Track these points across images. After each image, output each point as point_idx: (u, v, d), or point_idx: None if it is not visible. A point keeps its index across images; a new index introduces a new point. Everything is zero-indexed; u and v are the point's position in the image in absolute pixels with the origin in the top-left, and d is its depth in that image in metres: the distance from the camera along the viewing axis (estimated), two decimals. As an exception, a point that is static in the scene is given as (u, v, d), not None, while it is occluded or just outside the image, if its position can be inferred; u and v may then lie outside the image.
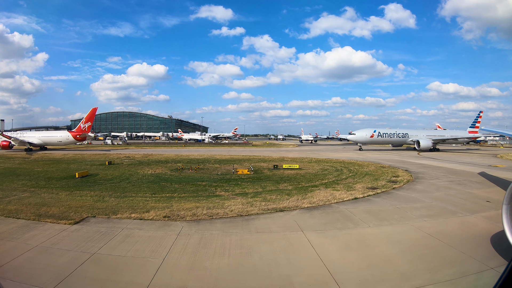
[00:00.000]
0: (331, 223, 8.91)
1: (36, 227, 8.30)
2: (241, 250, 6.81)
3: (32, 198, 12.06)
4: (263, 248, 6.90)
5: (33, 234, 7.73)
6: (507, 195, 5.57)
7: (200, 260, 6.26)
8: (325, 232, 8.07)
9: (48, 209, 10.17)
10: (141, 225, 8.68)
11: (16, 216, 9.28)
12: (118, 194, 12.90)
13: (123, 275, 5.70)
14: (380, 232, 8.26)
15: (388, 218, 9.68)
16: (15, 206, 10.48)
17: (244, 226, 8.50)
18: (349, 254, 6.73)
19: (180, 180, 16.76)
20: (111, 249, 6.84)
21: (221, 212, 9.70)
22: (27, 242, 7.22)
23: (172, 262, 6.17)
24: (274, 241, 7.35)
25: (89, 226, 8.51)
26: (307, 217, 9.50)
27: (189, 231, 8.09)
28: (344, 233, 8.09)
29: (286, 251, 6.77)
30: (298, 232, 8.03)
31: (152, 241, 7.34)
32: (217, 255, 6.52)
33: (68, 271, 5.72)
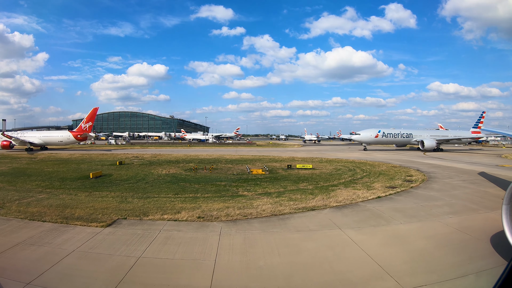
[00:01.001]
0: (364, 221, 9.22)
1: (67, 231, 8.08)
2: (288, 248, 7.02)
3: (51, 199, 11.87)
4: (309, 246, 7.15)
5: (66, 238, 7.48)
6: (506, 195, 5.64)
7: (253, 260, 6.33)
8: (362, 229, 8.37)
9: (72, 211, 10.01)
10: (177, 226, 8.62)
11: (41, 219, 9.05)
12: (140, 195, 12.85)
13: (179, 279, 5.60)
14: (413, 228, 8.65)
15: (416, 215, 10.04)
16: (36, 208, 10.27)
17: (282, 225, 8.70)
18: (391, 249, 7.05)
19: (198, 180, 16.90)
20: (156, 252, 6.71)
21: (254, 212, 9.88)
22: (62, 247, 6.97)
23: (225, 263, 6.17)
24: (317, 239, 7.61)
25: (123, 229, 8.34)
26: (339, 215, 9.79)
27: (229, 231, 8.15)
28: (380, 230, 8.41)
29: (333, 248, 7.05)
30: (336, 230, 8.31)
31: (195, 243, 7.32)
32: (267, 254, 6.63)
33: (118, 277, 5.52)
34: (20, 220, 9.04)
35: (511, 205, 5.51)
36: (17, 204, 10.93)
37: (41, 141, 44.65)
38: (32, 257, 6.43)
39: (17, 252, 6.69)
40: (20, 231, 8.11)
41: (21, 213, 9.69)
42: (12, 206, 10.62)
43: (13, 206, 10.67)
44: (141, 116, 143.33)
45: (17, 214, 9.58)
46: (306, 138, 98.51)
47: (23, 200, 11.66)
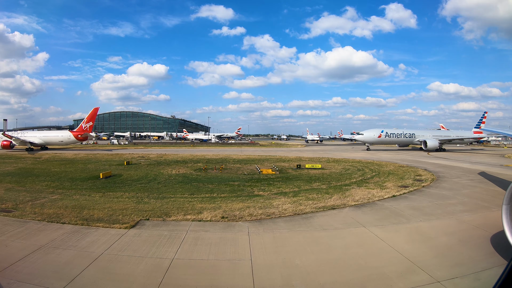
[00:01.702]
0: (385, 219, 9.48)
1: (89, 233, 7.92)
2: (319, 246, 7.24)
3: (65, 200, 11.73)
4: (338, 244, 7.40)
5: (91, 241, 7.34)
6: (507, 196, 5.69)
7: (288, 259, 6.43)
8: (385, 227, 8.63)
9: (90, 212, 9.88)
10: (203, 226, 8.62)
11: (60, 221, 8.87)
12: (155, 195, 12.81)
13: (219, 279, 5.60)
14: (433, 226, 8.96)
15: (433, 213, 10.34)
16: (52, 210, 10.09)
17: (307, 224, 8.91)
18: (417, 245, 7.32)
19: (210, 180, 17.01)
20: (188, 253, 6.68)
21: (276, 211, 10.04)
22: (88, 250, 6.82)
23: (262, 262, 6.21)
24: (344, 237, 7.86)
25: (148, 230, 8.25)
26: (360, 213, 10.03)
27: (257, 231, 8.22)
28: (403, 228, 8.68)
29: (361, 245, 7.29)
30: (361, 227, 8.56)
31: (226, 243, 7.35)
32: (300, 253, 6.79)
33: (156, 280, 5.45)
34: (38, 222, 8.86)
35: (511, 205, 5.60)
36: (30, 206, 10.77)
37: (42, 141, 44.65)
38: (59, 261, 6.25)
39: (42, 256, 6.48)
40: (40, 233, 7.92)
41: (37, 215, 9.52)
42: (26, 208, 10.45)
43: (27, 207, 10.52)
44: (142, 116, 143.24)
45: (33, 216, 9.41)
46: (309, 138, 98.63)
47: (36, 201, 11.50)
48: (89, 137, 51.58)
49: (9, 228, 8.31)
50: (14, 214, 9.70)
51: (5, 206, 10.68)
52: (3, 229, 8.23)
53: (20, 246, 7.03)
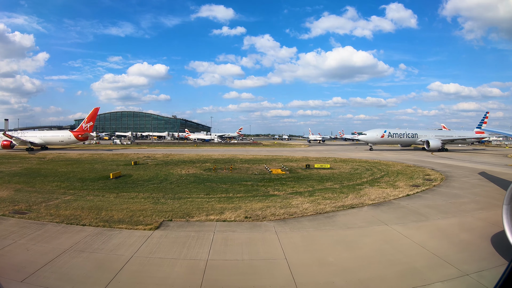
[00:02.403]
0: (404, 217, 9.74)
1: (113, 235, 7.79)
2: (347, 244, 7.46)
3: (80, 201, 11.61)
4: (366, 241, 7.65)
5: (117, 243, 7.21)
6: (507, 196, 5.71)
7: (322, 256, 6.62)
8: (407, 225, 8.88)
9: (109, 213, 9.73)
10: (229, 227, 8.63)
11: (80, 223, 8.73)
12: (170, 196, 12.79)
13: (260, 279, 5.62)
14: (451, 223, 9.25)
15: (449, 211, 10.63)
16: (68, 211, 9.98)
17: (331, 223, 9.11)
18: (440, 241, 7.60)
19: (222, 180, 17.08)
20: (221, 254, 6.68)
21: (298, 211, 10.21)
22: (117, 253, 6.69)
23: (297, 261, 6.28)
24: (370, 235, 8.10)
25: (174, 231, 8.19)
26: (379, 212, 10.28)
27: (284, 230, 8.31)
28: (423, 225, 8.95)
29: (388, 242, 7.53)
30: (383, 225, 8.81)
31: (256, 243, 7.42)
32: (331, 250, 7.01)
33: (196, 282, 5.42)
34: (57, 224, 8.68)
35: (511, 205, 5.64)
36: (44, 207, 10.61)
37: (42, 140, 44.72)
38: (89, 266, 6.12)
39: (69, 260, 6.31)
40: (61, 236, 7.74)
41: (54, 217, 9.37)
42: (40, 209, 10.29)
43: (41, 209, 10.37)
44: (143, 116, 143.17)
45: (50, 218, 9.26)
46: (311, 138, 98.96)
47: (50, 202, 11.36)
48: (90, 137, 51.76)
49: (27, 231, 8.09)
50: (29, 216, 9.50)
51: (19, 208, 10.52)
52: (21, 232, 8.02)
53: (43, 250, 6.82)
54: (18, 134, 44.43)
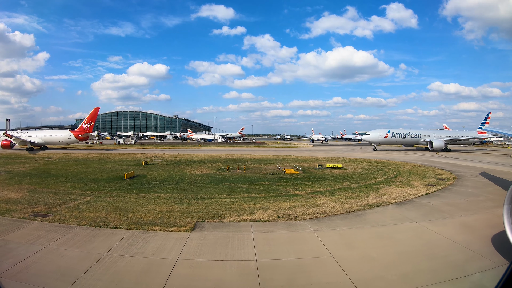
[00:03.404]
0: (429, 214, 10.18)
1: (149, 238, 7.66)
2: (384, 240, 7.85)
3: (101, 203, 11.43)
4: (400, 237, 8.07)
5: (156, 246, 7.12)
6: (508, 196, 5.81)
7: (365, 253, 6.89)
8: (433, 222, 9.32)
9: (136, 215, 9.58)
10: (265, 226, 8.70)
11: (109, 226, 8.55)
12: (192, 196, 12.78)
13: (316, 277, 5.76)
14: (475, 219, 9.69)
15: (469, 209, 11.10)
16: (92, 213, 9.81)
17: (362, 221, 9.48)
18: (470, 236, 8.03)
19: (239, 180, 17.18)
20: (267, 254, 6.74)
21: (327, 210, 10.53)
22: (160, 256, 6.58)
23: (344, 258, 6.46)
24: (402, 231, 8.52)
25: (212, 232, 8.20)
26: (404, 210, 10.71)
27: (320, 229, 8.53)
28: (449, 222, 9.42)
29: (420, 238, 7.98)
30: (412, 222, 9.24)
31: (298, 242, 7.58)
32: (371, 247, 7.33)
33: (253, 283, 5.47)
34: (85, 227, 8.46)
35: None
36: (65, 209, 10.41)
37: (42, 140, 44.73)
38: (135, 271, 5.98)
39: (111, 266, 6.13)
40: (94, 240, 7.55)
41: (78, 219, 9.13)
42: (62, 211, 10.09)
43: (63, 211, 10.15)
44: (145, 116, 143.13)
45: (76, 221, 9.02)
46: (314, 138, 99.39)
47: (69, 204, 11.14)
48: (90, 136, 51.93)
49: (55, 235, 7.82)
50: (53, 219, 9.23)
51: (39, 210, 10.26)
52: (49, 236, 7.70)
53: (78, 255, 6.61)
54: (17, 134, 44.43)
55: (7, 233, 8.05)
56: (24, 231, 8.25)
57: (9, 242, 7.39)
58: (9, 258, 6.44)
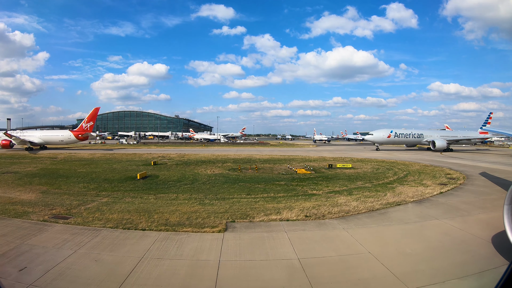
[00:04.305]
0: (449, 212, 10.59)
1: (183, 239, 7.61)
2: (413, 237, 8.20)
3: (120, 204, 11.32)
4: (428, 234, 8.44)
5: (194, 248, 7.09)
6: (508, 196, 5.87)
7: (400, 248, 7.22)
8: (454, 219, 9.73)
9: (162, 216, 9.51)
10: (295, 226, 8.86)
11: (137, 227, 8.43)
12: (212, 197, 12.83)
13: (362, 273, 5.99)
14: (493, 217, 9.94)
15: (485, 206, 11.55)
16: (115, 215, 9.67)
17: (387, 219, 9.83)
18: (491, 232, 8.30)
19: (254, 180, 17.29)
20: (308, 252, 6.90)
21: (351, 209, 10.80)
22: (199, 258, 6.54)
23: (381, 254, 6.71)
24: (428, 228, 8.90)
25: (245, 233, 8.24)
26: (424, 208, 11.11)
27: (350, 227, 8.79)
28: (469, 219, 9.82)
29: (446, 234, 8.36)
30: (435, 220, 9.66)
31: (332, 240, 7.78)
32: (403, 243, 7.65)
33: (304, 281, 5.62)
34: (112, 230, 8.31)
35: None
36: (85, 211, 10.24)
37: (41, 140, 44.82)
38: (180, 274, 5.89)
39: (152, 270, 6.03)
40: (125, 243, 7.38)
41: (102, 221, 9.00)
42: (82, 213, 9.91)
43: (83, 212, 9.99)
44: (146, 116, 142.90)
45: (100, 223, 8.90)
46: (316, 138, 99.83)
47: (87, 205, 11.00)
48: (90, 136, 52.09)
49: (83, 238, 7.66)
50: (75, 221, 9.09)
51: (57, 212, 10.07)
52: (76, 240, 7.51)
53: (114, 260, 6.46)
54: (17, 134, 44.43)
55: (30, 237, 7.80)
56: (47, 234, 8.03)
57: (34, 247, 7.09)
58: (39, 265, 6.16)
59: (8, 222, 9.05)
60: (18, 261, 6.40)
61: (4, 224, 8.85)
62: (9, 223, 8.96)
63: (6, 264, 6.28)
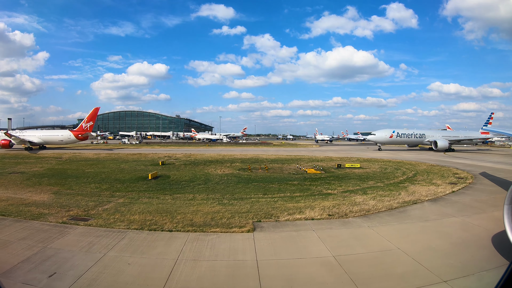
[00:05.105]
0: (464, 210, 11.00)
1: (213, 240, 7.63)
2: (436, 233, 8.56)
3: (138, 204, 11.22)
4: (448, 230, 8.81)
5: (227, 248, 7.14)
6: (508, 196, 5.94)
7: (427, 244, 7.55)
8: (471, 216, 10.13)
9: (185, 217, 9.51)
10: (321, 224, 9.02)
11: (162, 229, 8.37)
12: (229, 197, 12.86)
13: (396, 268, 6.25)
14: None
15: (497, 205, 11.78)
16: (136, 216, 9.56)
17: (407, 216, 10.19)
18: None
19: (267, 180, 17.43)
20: (341, 249, 7.09)
21: (370, 207, 11.07)
22: (236, 258, 6.57)
23: (410, 250, 6.99)
24: (448, 225, 9.28)
25: (275, 232, 8.32)
26: (440, 207, 11.53)
27: (374, 225, 9.07)
28: (485, 216, 10.21)
29: (466, 230, 8.77)
30: (453, 217, 10.07)
31: (361, 237, 8.03)
32: (427, 239, 7.96)
33: (344, 277, 5.79)
34: (138, 231, 8.18)
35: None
36: (103, 212, 10.10)
37: (41, 140, 44.92)
38: (221, 275, 5.91)
39: (191, 272, 5.98)
40: (155, 244, 7.32)
41: (125, 223, 8.87)
42: (101, 214, 9.81)
43: (102, 214, 9.89)
44: (147, 116, 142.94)
45: (123, 224, 8.74)
46: (319, 138, 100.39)
47: (105, 206, 10.88)
48: (91, 136, 52.56)
49: (109, 241, 7.52)
50: (97, 223, 8.92)
51: (75, 214, 9.92)
52: (103, 243, 7.37)
53: (147, 262, 6.35)
54: (16, 133, 44.51)
55: (52, 240, 7.56)
56: (70, 237, 7.83)
57: (60, 251, 6.87)
58: (69, 270, 5.96)
59: (26, 225, 8.80)
60: (45, 266, 6.13)
61: (21, 227, 8.62)
62: (27, 226, 8.72)
63: (33, 270, 5.96)
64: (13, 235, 7.92)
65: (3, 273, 5.79)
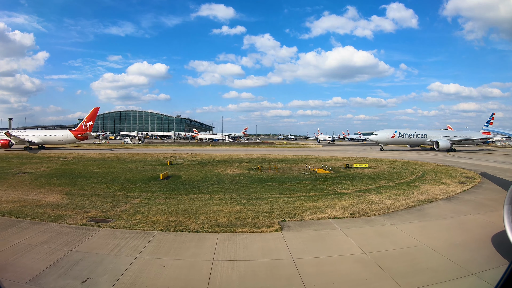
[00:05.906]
0: (478, 208, 11.39)
1: (244, 240, 7.68)
2: (456, 230, 8.96)
3: (156, 205, 11.13)
4: (467, 227, 9.19)
5: (260, 248, 7.22)
6: (508, 196, 6.00)
7: (450, 240, 7.87)
8: (486, 214, 10.50)
9: (208, 217, 9.51)
10: (346, 223, 9.18)
11: (189, 229, 8.34)
12: (246, 196, 12.93)
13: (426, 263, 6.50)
14: None
15: None
16: (158, 217, 9.50)
17: (425, 214, 10.53)
18: None
19: (279, 180, 17.58)
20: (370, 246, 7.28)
21: (388, 206, 11.34)
22: (271, 257, 6.67)
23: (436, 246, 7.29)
24: (466, 222, 9.66)
25: (302, 231, 8.47)
26: (454, 205, 11.92)
27: (396, 222, 9.33)
28: (499, 214, 10.15)
29: (483, 227, 9.06)
30: (469, 215, 10.46)
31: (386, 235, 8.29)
32: (451, 235, 8.29)
33: (380, 273, 5.90)
34: (165, 233, 8.07)
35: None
36: (123, 213, 9.95)
37: (41, 140, 44.95)
38: (261, 275, 5.95)
39: (230, 273, 6.00)
40: (187, 246, 7.26)
41: (149, 224, 8.76)
42: (121, 216, 9.63)
43: (123, 215, 9.71)
44: (148, 116, 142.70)
45: (147, 226, 8.61)
46: (320, 138, 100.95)
47: (122, 207, 10.72)
48: (91, 136, 52.67)
49: (137, 243, 7.39)
50: (119, 225, 8.76)
51: (93, 215, 9.73)
52: (131, 245, 7.22)
53: (183, 264, 6.29)
54: (16, 133, 44.55)
55: (76, 243, 7.32)
56: (95, 240, 7.65)
57: (88, 254, 6.67)
58: (103, 274, 5.80)
59: (45, 227, 8.53)
60: (76, 271, 5.90)
61: (41, 230, 8.32)
62: (46, 228, 8.44)
63: (64, 276, 5.70)
64: (34, 239, 7.62)
65: (32, 280, 5.50)
